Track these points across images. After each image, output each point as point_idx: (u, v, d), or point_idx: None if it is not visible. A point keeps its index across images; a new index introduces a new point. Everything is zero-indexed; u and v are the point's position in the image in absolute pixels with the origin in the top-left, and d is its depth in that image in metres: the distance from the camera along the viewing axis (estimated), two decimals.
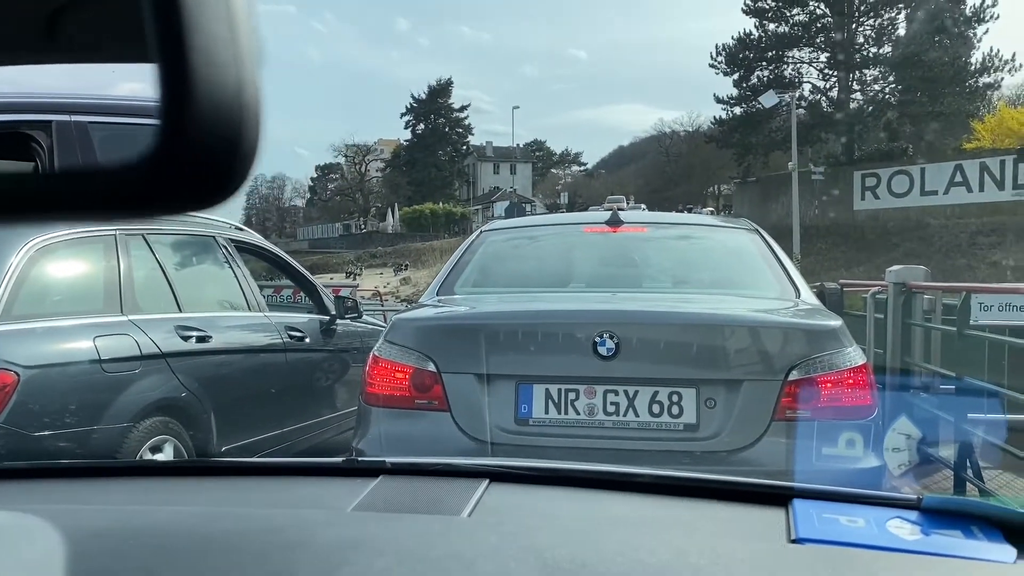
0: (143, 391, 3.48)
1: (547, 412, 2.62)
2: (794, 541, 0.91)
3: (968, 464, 4.22)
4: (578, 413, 2.60)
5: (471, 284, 3.37)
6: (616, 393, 2.59)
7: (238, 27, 0.41)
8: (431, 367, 2.69)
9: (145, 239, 3.88)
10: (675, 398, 2.57)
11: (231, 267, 4.39)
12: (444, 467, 1.21)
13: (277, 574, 0.82)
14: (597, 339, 2.58)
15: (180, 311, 3.88)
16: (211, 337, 3.93)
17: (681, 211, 39.10)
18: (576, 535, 0.89)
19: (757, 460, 2.48)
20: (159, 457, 3.48)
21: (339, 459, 1.24)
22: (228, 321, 4.24)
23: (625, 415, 2.58)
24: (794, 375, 2.52)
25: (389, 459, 1.24)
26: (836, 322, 2.73)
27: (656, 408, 2.57)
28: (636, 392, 2.59)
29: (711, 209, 46.97)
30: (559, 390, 2.62)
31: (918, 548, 0.88)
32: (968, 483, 4.19)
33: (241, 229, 4.81)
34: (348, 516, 1.01)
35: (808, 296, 3.11)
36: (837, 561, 0.84)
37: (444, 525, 0.96)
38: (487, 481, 1.11)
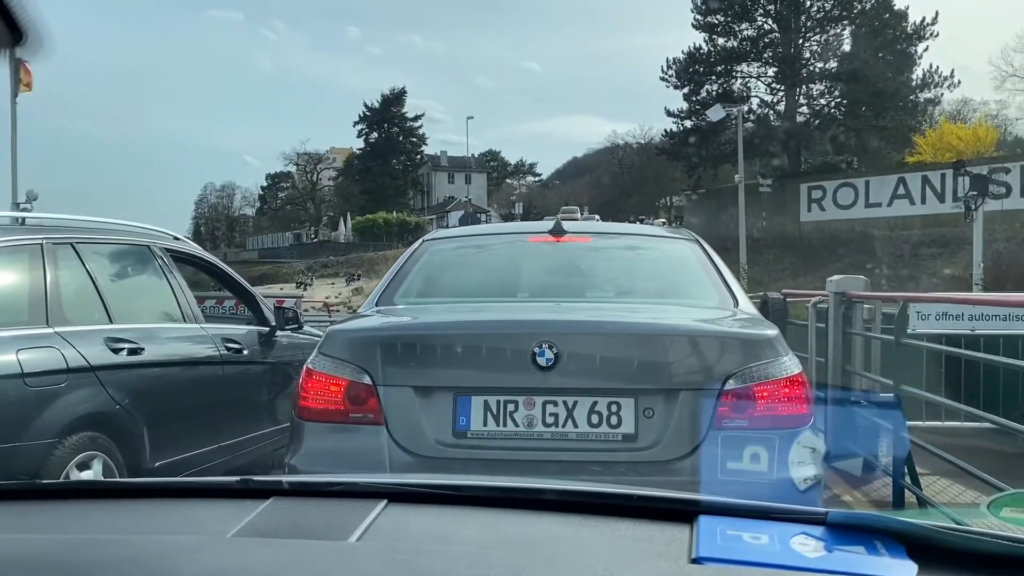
0: (70, 406, 3.36)
1: (485, 424, 2.56)
2: (695, 560, 0.89)
3: (906, 472, 4.30)
4: (517, 425, 2.56)
5: (412, 294, 3.31)
6: (555, 404, 2.56)
7: None
8: (366, 380, 2.62)
9: (74, 248, 3.76)
10: (614, 408, 2.54)
11: (166, 277, 4.28)
12: (342, 487, 1.17)
13: None
14: (536, 349, 2.53)
15: (111, 323, 3.77)
16: (144, 349, 3.81)
17: (633, 222, 39.47)
18: (466, 559, 0.86)
19: (694, 470, 2.46)
20: (87, 474, 3.36)
21: (233, 479, 1.18)
22: (162, 333, 4.12)
23: (564, 426, 2.55)
24: (730, 384, 2.52)
25: (286, 479, 1.19)
26: (772, 331, 2.72)
27: (595, 418, 2.55)
28: (575, 403, 2.55)
29: (663, 220, 47.43)
30: (498, 402, 2.58)
31: (819, 566, 0.87)
32: (907, 490, 4.27)
33: (177, 238, 4.69)
34: (226, 542, 0.96)
35: (746, 305, 3.12)
36: None
37: (327, 551, 0.92)
38: (384, 502, 1.08)
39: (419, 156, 75.58)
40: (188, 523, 1.09)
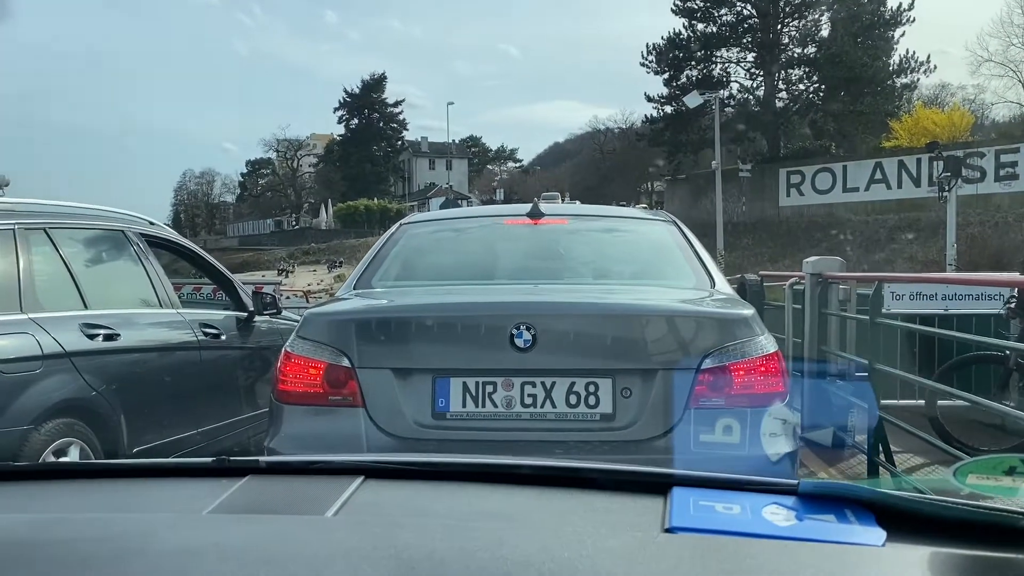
0: (45, 392, 3.33)
1: (464, 406, 2.59)
2: (667, 530, 0.90)
3: (880, 449, 4.37)
4: (496, 406, 2.58)
5: (390, 277, 3.31)
6: (533, 385, 2.58)
7: None
8: (345, 362, 2.63)
9: (47, 233, 3.71)
10: (591, 388, 2.57)
11: (142, 262, 4.23)
12: (318, 464, 1.16)
13: None
14: (514, 331, 2.55)
15: (86, 308, 3.72)
16: (120, 335, 3.77)
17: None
18: (441, 531, 0.87)
19: (671, 448, 2.49)
20: (64, 461, 3.34)
21: (208, 459, 1.17)
22: (138, 318, 4.09)
23: (543, 407, 2.57)
24: (707, 363, 2.54)
25: (263, 459, 1.19)
26: (748, 311, 2.74)
27: (573, 399, 2.57)
28: (553, 383, 2.57)
29: (644, 205, 47.56)
30: (476, 383, 2.59)
31: (790, 534, 0.88)
32: (880, 467, 4.33)
33: (152, 223, 4.64)
34: (201, 519, 0.96)
35: (723, 286, 3.14)
36: (707, 549, 0.83)
37: (304, 526, 0.92)
38: (361, 478, 1.07)
39: (400, 142, 75.16)
40: (162, 501, 1.08)
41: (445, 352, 2.67)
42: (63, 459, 3.33)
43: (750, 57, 39.22)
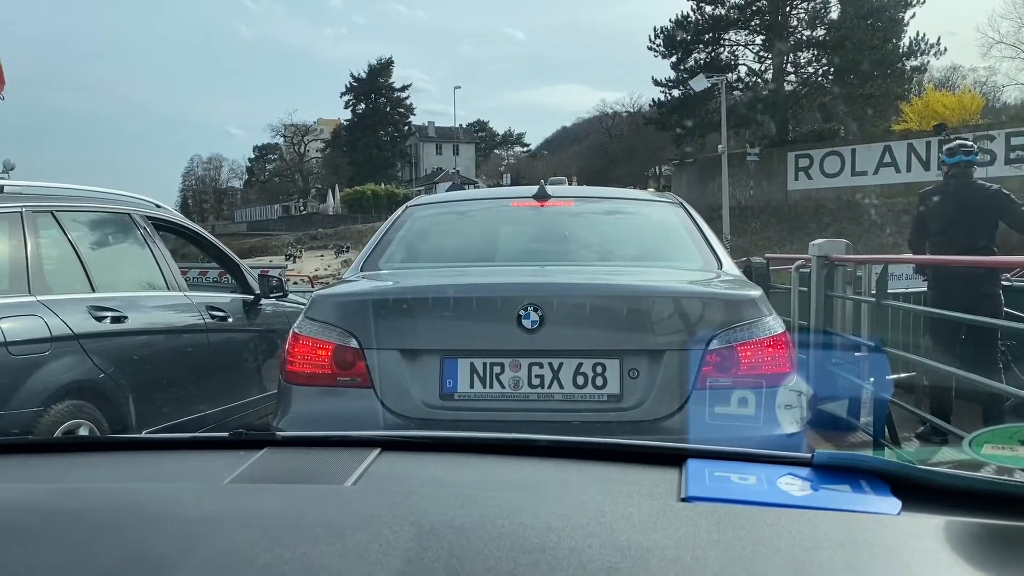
0: (54, 374, 3.34)
1: (472, 386, 2.59)
2: (684, 500, 0.90)
3: (884, 428, 4.36)
4: (503, 387, 2.58)
5: (397, 259, 3.31)
6: (541, 366, 2.58)
7: None
8: (353, 343, 2.63)
9: (54, 216, 3.71)
10: (599, 369, 2.56)
11: (148, 245, 4.23)
12: (335, 438, 1.17)
13: (130, 550, 0.77)
14: (521, 312, 2.56)
15: (94, 291, 3.73)
16: (127, 317, 3.78)
17: None
18: (460, 500, 0.87)
19: (679, 428, 2.49)
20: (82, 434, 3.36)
21: (225, 433, 1.18)
22: (145, 301, 4.09)
23: (550, 387, 2.57)
24: (714, 344, 2.54)
25: (279, 433, 1.19)
26: (756, 292, 2.74)
27: (580, 380, 2.57)
28: (561, 364, 2.57)
29: (652, 189, 47.45)
30: (484, 364, 2.59)
31: (805, 503, 0.89)
32: (885, 447, 4.33)
33: (159, 206, 4.63)
34: (222, 488, 0.97)
35: (730, 267, 3.13)
36: (723, 517, 0.83)
37: (324, 494, 0.93)
38: (378, 450, 1.08)
39: (407, 127, 75.06)
40: (182, 472, 1.09)
41: (453, 333, 2.68)
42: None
43: (758, 40, 39.01)
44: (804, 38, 38.31)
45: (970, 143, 5.36)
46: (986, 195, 5.10)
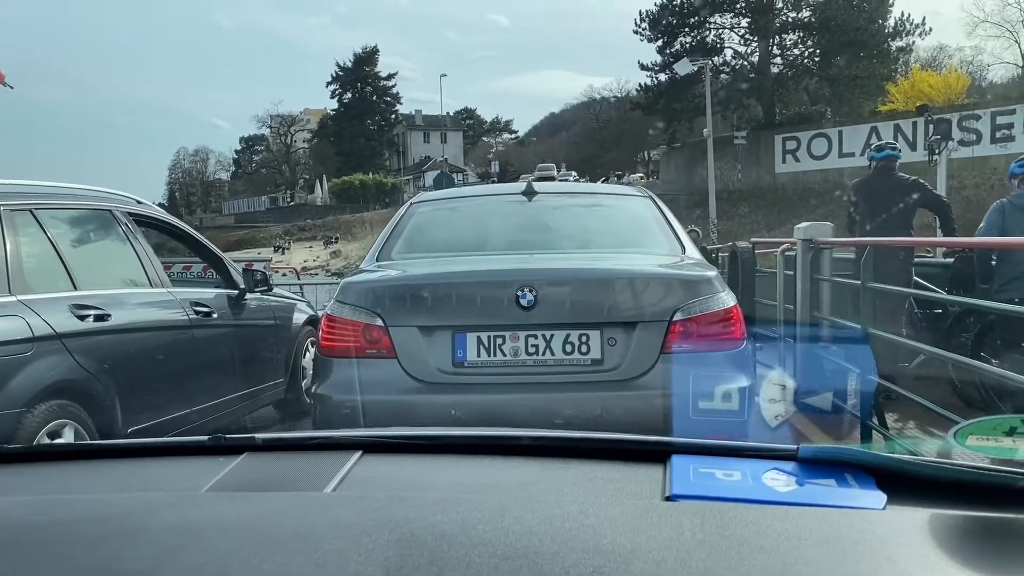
0: (37, 374, 3.30)
1: (479, 355, 3.08)
2: (668, 498, 0.90)
3: (873, 413, 4.37)
4: (505, 355, 3.07)
5: (407, 250, 3.78)
6: (536, 337, 3.07)
7: None
8: (379, 322, 3.12)
9: (33, 214, 3.66)
10: (583, 338, 3.07)
11: (130, 242, 4.18)
12: (316, 440, 1.16)
13: (108, 562, 0.76)
14: (519, 293, 3.05)
15: (76, 289, 3.69)
16: (110, 315, 3.74)
17: (610, 178, 39.44)
18: (442, 504, 0.86)
19: (650, 384, 3.01)
20: (59, 443, 3.32)
21: (204, 437, 1.17)
22: (128, 298, 4.05)
23: (544, 354, 3.07)
24: (677, 316, 3.06)
25: (259, 435, 1.19)
26: (711, 272, 3.27)
27: (568, 347, 3.07)
28: (552, 335, 3.07)
29: (641, 175, 47.45)
30: (489, 336, 3.08)
31: (791, 499, 0.88)
32: (874, 432, 4.34)
33: (140, 202, 4.58)
34: (200, 497, 0.96)
35: (692, 252, 3.67)
36: (707, 516, 0.82)
37: (303, 501, 0.92)
38: (359, 453, 1.07)
39: (394, 116, 74.82)
40: (160, 480, 1.09)
41: (462, 312, 3.14)
42: (58, 441, 3.32)
43: (744, 22, 38.89)
44: (789, 20, 38.22)
45: (895, 143, 6.51)
46: (907, 185, 6.03)
